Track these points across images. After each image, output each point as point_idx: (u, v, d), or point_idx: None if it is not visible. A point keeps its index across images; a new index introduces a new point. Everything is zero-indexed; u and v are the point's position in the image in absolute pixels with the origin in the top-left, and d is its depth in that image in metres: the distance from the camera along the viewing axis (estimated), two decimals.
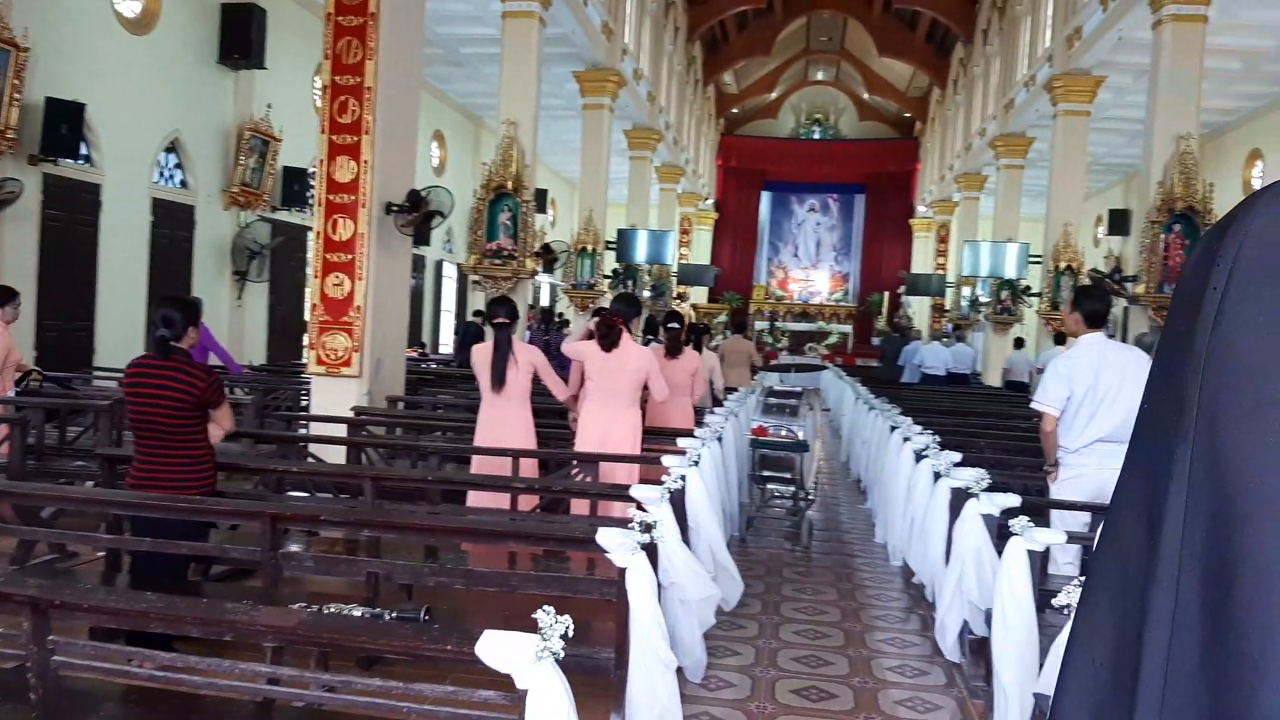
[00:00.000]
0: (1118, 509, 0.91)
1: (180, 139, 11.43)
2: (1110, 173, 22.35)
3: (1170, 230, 9.80)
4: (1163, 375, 0.89)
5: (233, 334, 12.29)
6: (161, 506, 3.40)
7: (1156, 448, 0.85)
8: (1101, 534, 0.93)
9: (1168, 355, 0.89)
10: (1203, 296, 0.85)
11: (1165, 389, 0.87)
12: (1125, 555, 0.87)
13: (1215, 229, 0.92)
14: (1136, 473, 0.88)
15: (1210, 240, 0.91)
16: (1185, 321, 0.87)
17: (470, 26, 14.94)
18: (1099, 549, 0.93)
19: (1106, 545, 0.91)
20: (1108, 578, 0.89)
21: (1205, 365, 0.83)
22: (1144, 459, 0.87)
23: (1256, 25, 12.51)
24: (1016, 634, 3.37)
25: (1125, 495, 0.90)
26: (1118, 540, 0.89)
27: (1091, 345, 4.61)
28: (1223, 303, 0.83)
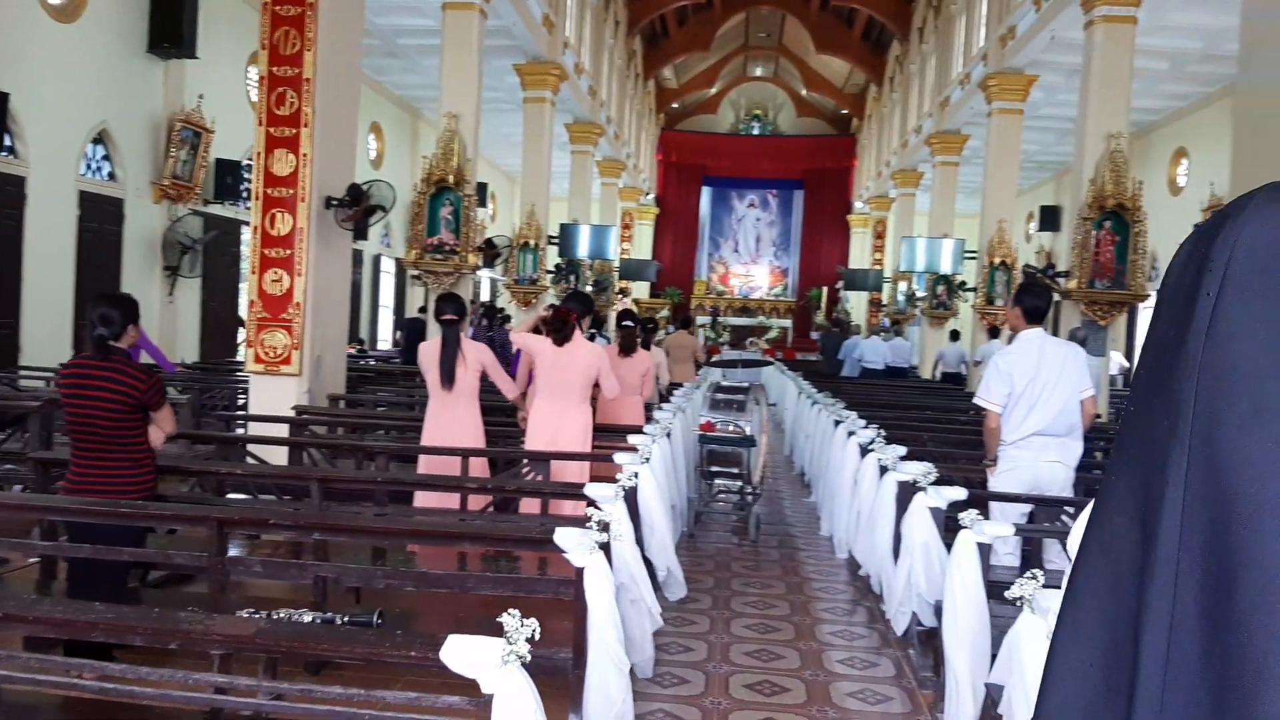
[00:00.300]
0: (1107, 511, 0.91)
1: (108, 130, 11.07)
2: (1041, 170, 22.89)
3: (1101, 227, 10.06)
4: (1154, 380, 0.89)
5: (164, 331, 11.94)
6: (103, 512, 3.29)
7: (1151, 452, 0.85)
8: (1087, 534, 0.94)
9: (1158, 359, 0.89)
10: (1195, 302, 0.85)
11: (1158, 394, 0.88)
12: (1116, 557, 0.87)
13: (1203, 233, 0.92)
14: (1128, 475, 0.88)
15: (1198, 244, 0.92)
16: (1176, 326, 0.87)
17: (408, 18, 14.72)
18: (1085, 550, 0.93)
19: (1094, 546, 0.92)
20: (1096, 579, 0.89)
21: (1201, 371, 0.83)
22: (1137, 462, 0.88)
23: (1183, 27, 12.91)
24: (967, 624, 3.43)
25: (1115, 497, 0.89)
26: (1107, 541, 0.89)
27: (1031, 341, 4.71)
28: (1216, 308, 0.83)
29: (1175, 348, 0.86)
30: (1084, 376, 4.64)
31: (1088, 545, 0.92)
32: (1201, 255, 0.89)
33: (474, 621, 3.75)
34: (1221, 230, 0.88)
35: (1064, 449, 4.59)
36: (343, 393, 8.21)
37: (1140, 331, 18.14)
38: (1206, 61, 14.16)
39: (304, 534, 3.39)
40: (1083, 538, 0.94)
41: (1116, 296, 10.02)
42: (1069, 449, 4.61)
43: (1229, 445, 0.80)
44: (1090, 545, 0.91)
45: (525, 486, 4.79)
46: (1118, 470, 0.91)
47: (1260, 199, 0.89)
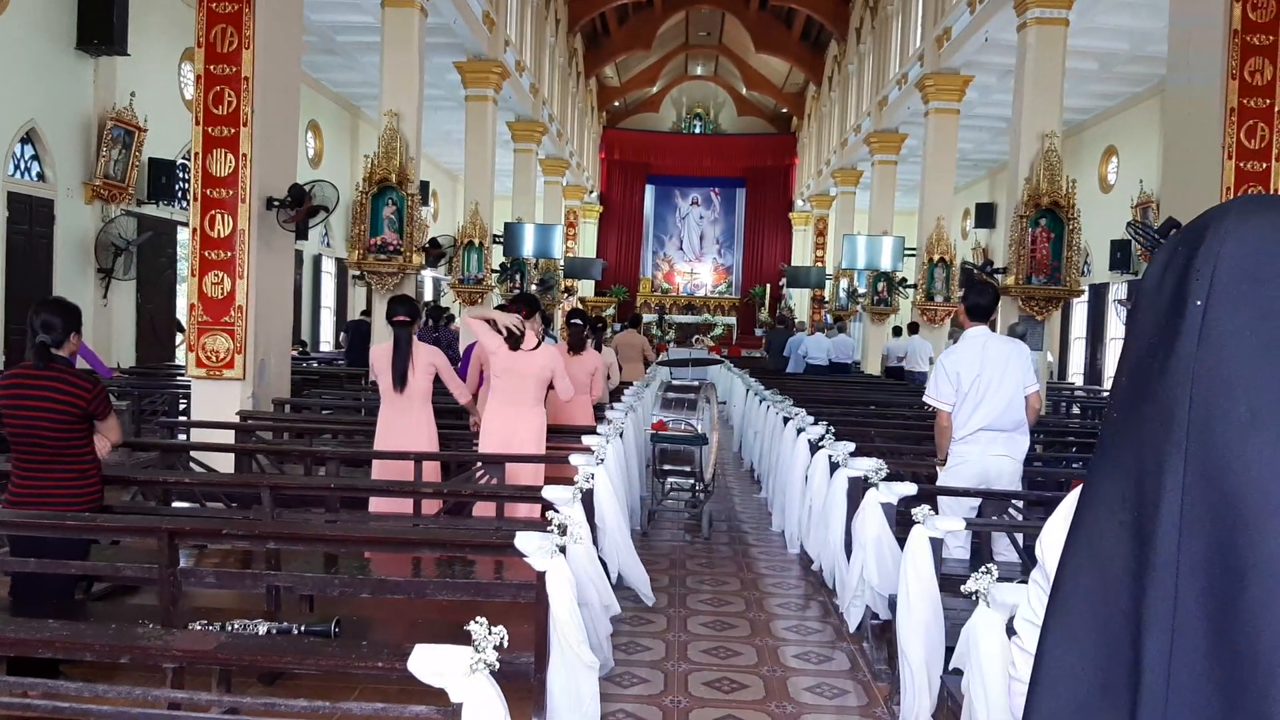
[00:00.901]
0: (1094, 515, 0.92)
1: (37, 129, 10.71)
2: (977, 168, 23.36)
3: (1037, 224, 10.31)
4: (1141, 385, 0.91)
5: (99, 335, 11.60)
6: (48, 524, 3.19)
7: (1143, 457, 0.87)
8: (1072, 539, 0.95)
9: (1143, 365, 0.91)
10: (1181, 310, 0.88)
11: (1147, 399, 0.89)
12: (1106, 561, 0.89)
13: (1184, 243, 0.93)
14: (1117, 480, 0.90)
15: (1179, 254, 0.92)
16: (1161, 333, 0.89)
17: (347, 14, 14.49)
18: (1070, 554, 0.94)
19: (1081, 551, 0.93)
20: (1085, 583, 0.90)
21: (1194, 378, 0.85)
22: (1127, 467, 0.89)
23: (1112, 29, 13.29)
24: (921, 618, 3.50)
25: (1103, 502, 0.91)
26: (1095, 546, 0.90)
27: (975, 339, 4.82)
28: (1207, 317, 0.86)
29: (1163, 354, 0.88)
30: (1028, 373, 4.76)
31: (1073, 550, 0.93)
32: (1182, 265, 0.91)
33: (432, 627, 3.73)
34: (1204, 241, 0.90)
35: (1011, 443, 4.70)
36: (288, 397, 8.08)
37: (1074, 326, 18.63)
38: (1134, 62, 14.59)
39: (259, 543, 3.33)
40: (1066, 542, 0.94)
41: (1053, 292, 10.27)
42: (1016, 443, 4.73)
43: (1228, 450, 0.82)
44: (1076, 550, 0.92)
45: (481, 490, 4.76)
46: (1103, 475, 0.92)
47: (1238, 212, 0.92)
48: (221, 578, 3.34)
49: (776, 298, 29.00)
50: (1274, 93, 7.01)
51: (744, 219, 32.05)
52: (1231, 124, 7.07)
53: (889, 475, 4.64)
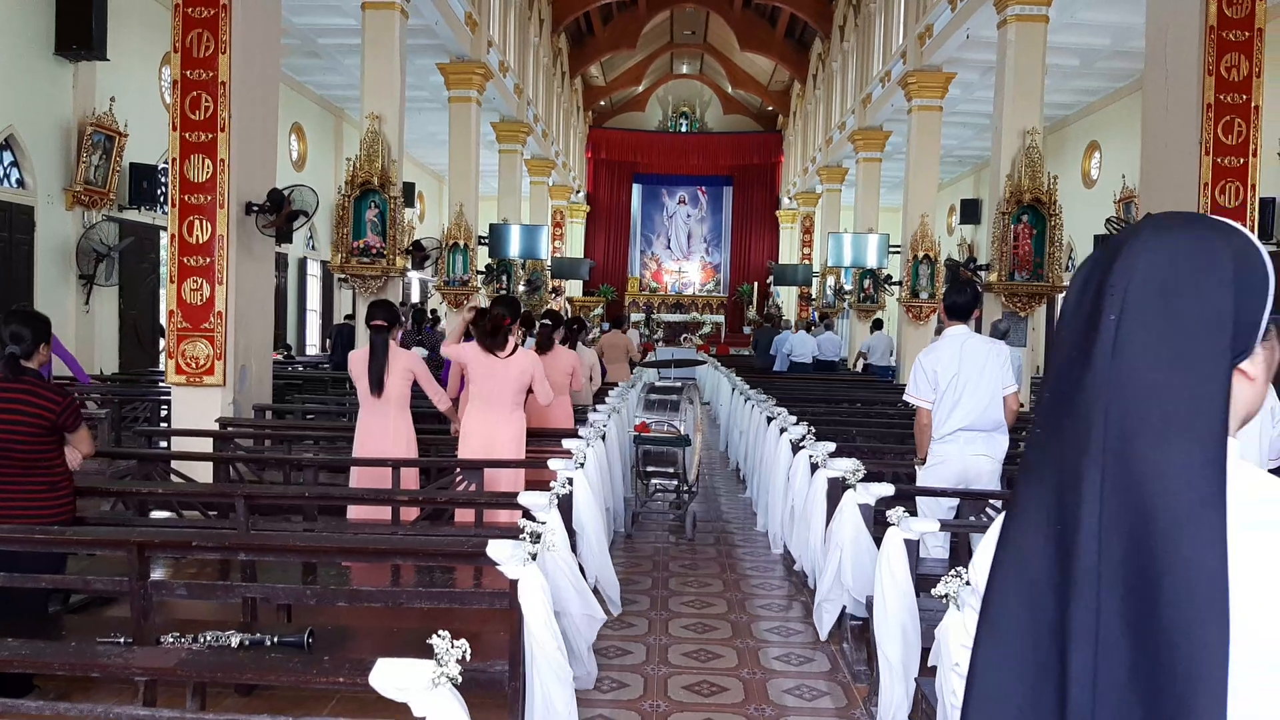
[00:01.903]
0: (1019, 528, 0.92)
1: (16, 135, 10.64)
2: (961, 164, 23.42)
3: (1019, 220, 10.33)
4: (1061, 399, 0.92)
5: (81, 341, 11.55)
6: (17, 538, 3.17)
7: (1063, 469, 0.88)
8: (999, 553, 0.95)
9: (1063, 379, 0.93)
10: (1097, 324, 0.91)
11: (1067, 413, 0.91)
12: (1032, 575, 0.89)
13: (1100, 259, 0.96)
14: (1039, 492, 0.91)
15: (1094, 270, 0.95)
16: (1079, 348, 0.92)
17: (328, 16, 14.45)
18: (998, 569, 0.94)
19: (1009, 564, 0.92)
20: (1013, 598, 0.90)
21: (1109, 390, 0.88)
22: (1048, 480, 0.90)
23: (1092, 24, 13.33)
24: (898, 619, 3.51)
25: (1027, 515, 0.92)
26: (1022, 559, 0.90)
27: (954, 338, 4.83)
28: (1120, 331, 0.89)
29: (1080, 367, 0.91)
30: (1006, 372, 4.76)
31: (1001, 564, 0.93)
32: (1099, 281, 0.93)
33: (408, 635, 3.71)
34: (1118, 258, 0.92)
35: (990, 443, 4.71)
36: (269, 402, 8.04)
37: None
38: (1115, 57, 14.64)
39: (230, 554, 3.31)
40: (995, 557, 0.95)
41: (1036, 289, 10.30)
42: (995, 442, 4.73)
43: (1143, 460, 0.84)
44: (1004, 564, 0.93)
45: (459, 497, 4.74)
46: (1028, 487, 0.93)
47: (1151, 228, 0.94)
48: (194, 589, 3.32)
49: (764, 296, 29.03)
50: (1250, 88, 7.03)
51: (731, 217, 32.09)
52: (1209, 120, 7.09)
53: (868, 475, 4.65)
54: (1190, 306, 0.88)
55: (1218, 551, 0.81)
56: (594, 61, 27.66)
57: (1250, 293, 0.91)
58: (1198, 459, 0.84)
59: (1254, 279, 0.92)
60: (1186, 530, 0.82)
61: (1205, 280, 0.89)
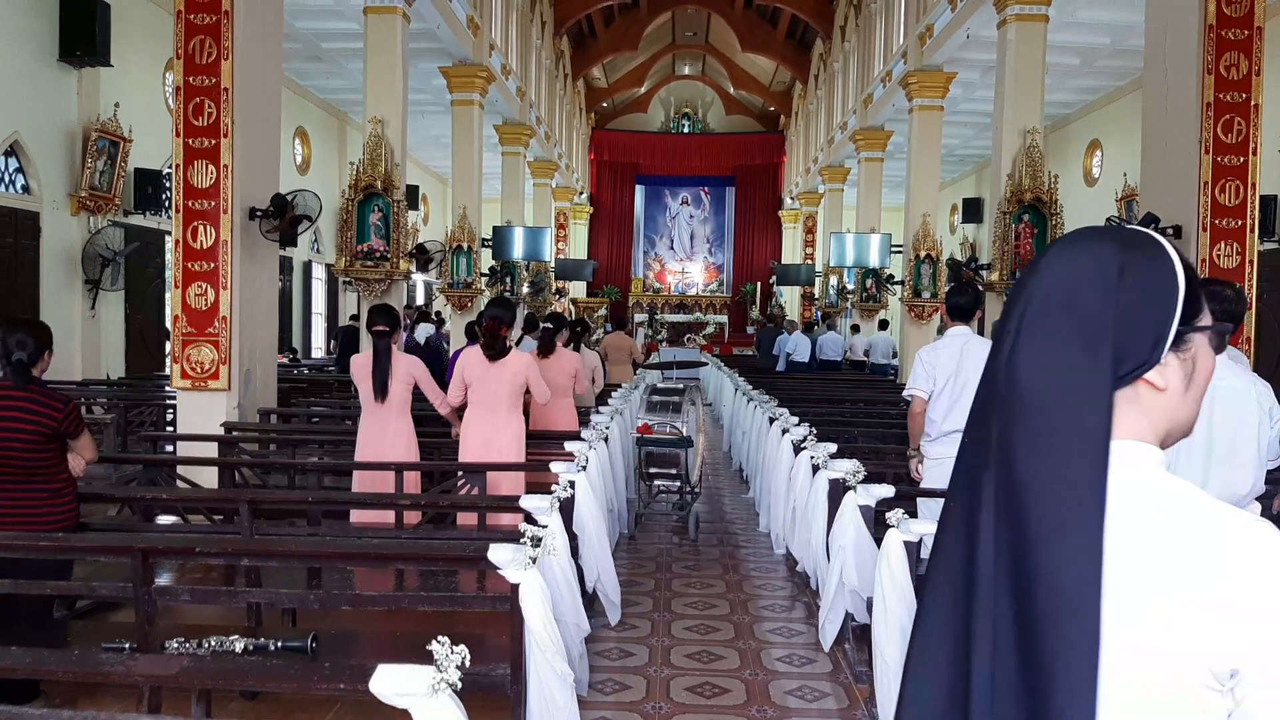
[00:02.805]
0: (944, 533, 0.97)
1: (21, 141, 10.69)
2: (963, 163, 23.41)
3: (1020, 220, 10.35)
4: (976, 407, 0.98)
5: (87, 346, 11.60)
6: (21, 545, 3.20)
7: (973, 477, 0.93)
8: (931, 557, 0.99)
9: (980, 389, 0.98)
10: (1003, 336, 0.96)
11: (977, 420, 0.96)
12: (953, 577, 0.93)
13: (1021, 276, 1.01)
14: (958, 500, 0.96)
15: (1015, 286, 1.01)
16: (991, 359, 0.97)
17: (331, 21, 14.49)
18: (930, 570, 0.99)
19: (937, 566, 0.97)
20: (939, 598, 0.95)
21: (1002, 400, 0.93)
22: (964, 488, 0.95)
23: (1092, 23, 13.33)
24: (897, 620, 3.52)
25: (949, 520, 0.97)
26: (946, 562, 0.95)
27: (956, 338, 4.84)
28: (1015, 345, 0.94)
29: (988, 381, 0.96)
30: None
31: (932, 566, 0.99)
32: (1014, 296, 0.99)
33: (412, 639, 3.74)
34: (1031, 273, 0.98)
35: None
36: (274, 406, 8.08)
37: None
38: (1116, 56, 14.63)
39: (234, 559, 3.34)
40: (929, 560, 1.00)
41: None
42: None
43: (1022, 470, 0.89)
44: (933, 565, 0.98)
45: (460, 501, 4.77)
46: (952, 495, 0.98)
47: (1060, 244, 0.99)
48: (199, 595, 3.35)
49: (768, 296, 29.05)
50: (1250, 87, 7.04)
51: (734, 217, 32.12)
52: (1208, 118, 7.10)
53: (869, 476, 4.66)
54: (1070, 320, 0.91)
55: (1087, 558, 0.84)
56: (596, 63, 27.70)
57: (1148, 304, 0.93)
58: (1074, 469, 0.87)
59: (1155, 290, 0.94)
60: (1055, 539, 0.85)
61: (1088, 293, 0.92)
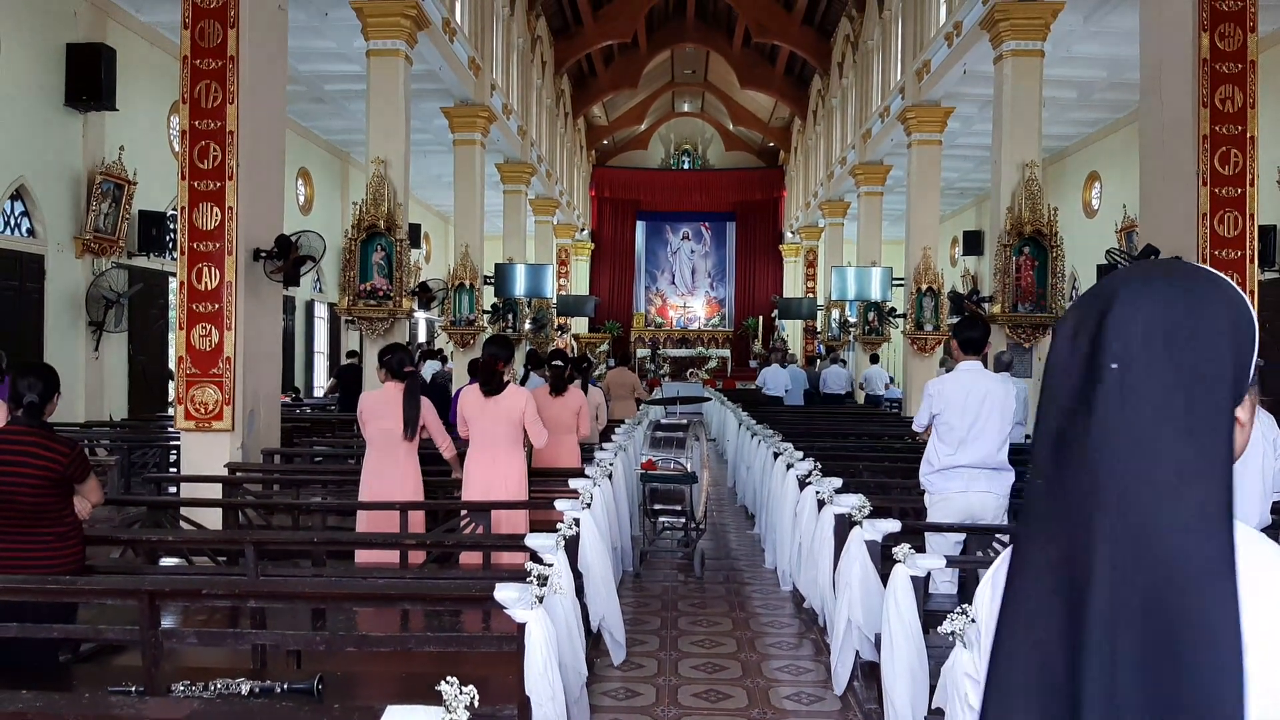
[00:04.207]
0: (1023, 587, 0.90)
1: (27, 185, 10.80)
2: (963, 196, 23.56)
3: (1020, 252, 10.40)
4: (1062, 451, 0.91)
5: (90, 387, 11.63)
6: (30, 589, 3.19)
7: (1070, 520, 0.87)
8: (1003, 617, 0.92)
9: (1063, 432, 0.92)
10: (1099, 373, 0.90)
11: (1071, 464, 0.90)
12: (1039, 636, 0.88)
13: (1089, 307, 0.96)
14: (1044, 548, 0.89)
15: (1086, 318, 0.95)
16: (1079, 397, 0.91)
17: (334, 64, 14.69)
18: (1002, 631, 0.92)
19: (1016, 628, 0.90)
20: (1019, 662, 0.89)
21: (1117, 440, 0.87)
22: (1054, 534, 0.89)
23: (1088, 58, 13.48)
24: (905, 657, 3.50)
25: (1032, 570, 0.90)
26: (1029, 615, 0.89)
27: (966, 372, 4.86)
28: (1125, 381, 0.88)
29: (1083, 419, 0.90)
30: (1015, 409, 4.81)
31: (1006, 624, 0.92)
32: (1094, 329, 0.93)
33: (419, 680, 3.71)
34: (1113, 306, 0.93)
35: (994, 479, 4.72)
36: (278, 446, 8.08)
37: None
38: (1112, 89, 14.78)
39: (240, 601, 3.33)
40: (1000, 616, 0.93)
41: (1039, 319, 10.34)
42: (1001, 479, 4.75)
43: (1157, 512, 0.84)
44: (1009, 624, 0.91)
45: (465, 540, 4.76)
46: (1032, 541, 0.92)
47: (1140, 279, 0.94)
48: (204, 637, 3.34)
49: (769, 330, 29.10)
50: (1245, 119, 7.11)
51: (735, 252, 32.27)
52: (1205, 150, 7.16)
53: (875, 511, 4.65)
54: (1193, 358, 0.88)
55: (1233, 605, 0.81)
56: (596, 102, 27.99)
57: (1243, 341, 0.92)
58: (1211, 512, 0.83)
59: (1245, 327, 0.93)
60: (1203, 585, 0.81)
61: (1205, 331, 0.89)
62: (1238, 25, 7.10)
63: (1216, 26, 7.10)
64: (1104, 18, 11.98)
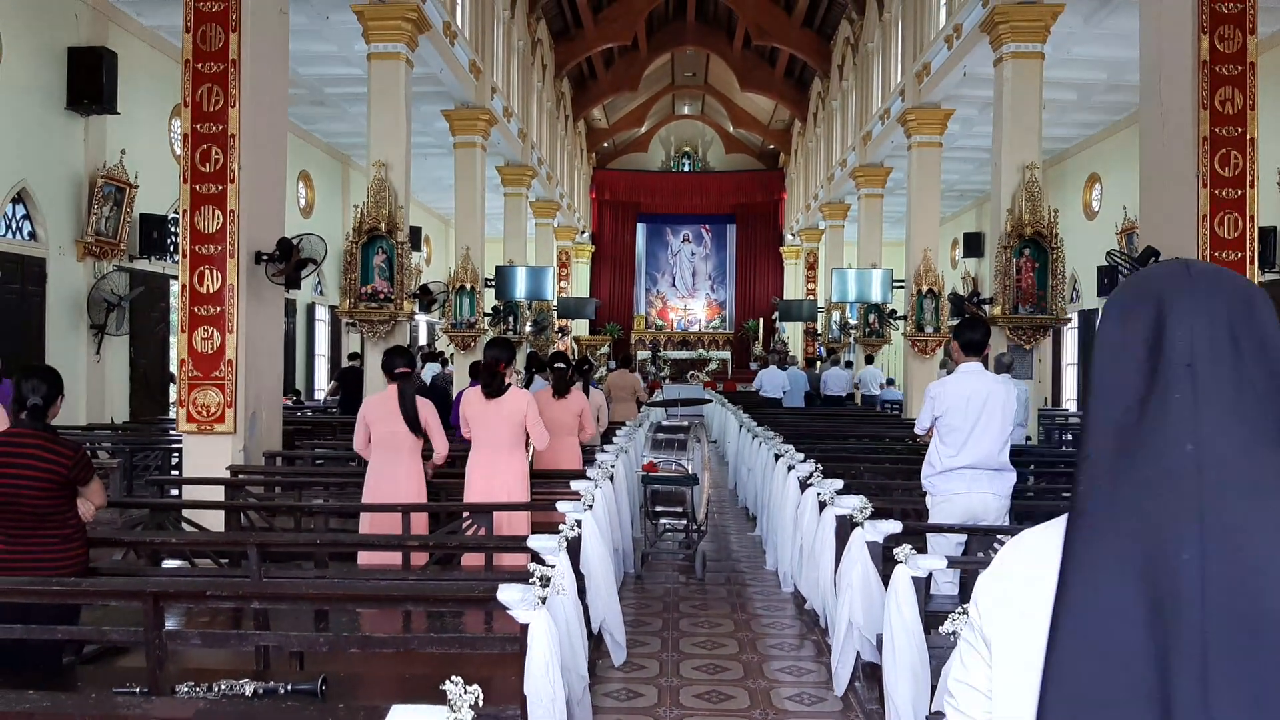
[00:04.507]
0: (1090, 594, 0.86)
1: (28, 189, 10.82)
2: (963, 198, 23.58)
3: (1021, 254, 10.41)
4: (1132, 445, 0.87)
5: (91, 391, 11.65)
6: (34, 591, 3.20)
7: (1147, 521, 0.84)
8: (1065, 620, 0.87)
9: (1129, 429, 0.88)
10: (1166, 371, 0.87)
11: (1145, 461, 0.86)
12: (1116, 642, 0.84)
13: (1141, 303, 0.92)
14: (1116, 546, 0.85)
15: (1142, 313, 0.91)
16: (1147, 393, 0.87)
17: (335, 67, 14.71)
18: (1066, 636, 0.87)
19: (1081, 631, 0.86)
20: (1087, 669, 0.84)
21: (1197, 438, 0.84)
22: (1125, 532, 0.85)
23: (1088, 60, 13.50)
24: (907, 657, 3.51)
25: (1102, 573, 0.86)
26: (1099, 623, 0.85)
27: (967, 374, 4.87)
28: (1198, 378, 0.86)
29: (1155, 415, 0.87)
30: (1016, 410, 4.82)
31: (1071, 632, 0.86)
32: (1155, 325, 0.89)
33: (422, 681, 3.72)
34: (1174, 301, 0.89)
35: (995, 480, 4.73)
36: (279, 449, 8.09)
37: (1066, 353, 18.69)
38: (1112, 91, 14.80)
39: (243, 602, 3.34)
40: (1061, 619, 0.87)
41: (1039, 321, 10.35)
42: (1002, 480, 4.76)
43: (1245, 511, 0.82)
44: (1075, 631, 0.86)
45: (467, 541, 4.77)
46: (1098, 543, 0.87)
47: (1195, 275, 0.91)
48: (208, 638, 3.35)
49: (770, 332, 29.12)
50: (1245, 121, 7.12)
51: (735, 254, 32.29)
52: (1205, 152, 7.17)
53: (876, 512, 4.66)
54: (1262, 354, 0.87)
55: None
56: (597, 104, 28.02)
57: None
58: None
59: None
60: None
61: (1268, 327, 0.88)
62: (1237, 27, 7.11)
63: (1216, 28, 7.11)
64: (1104, 20, 12.00)
